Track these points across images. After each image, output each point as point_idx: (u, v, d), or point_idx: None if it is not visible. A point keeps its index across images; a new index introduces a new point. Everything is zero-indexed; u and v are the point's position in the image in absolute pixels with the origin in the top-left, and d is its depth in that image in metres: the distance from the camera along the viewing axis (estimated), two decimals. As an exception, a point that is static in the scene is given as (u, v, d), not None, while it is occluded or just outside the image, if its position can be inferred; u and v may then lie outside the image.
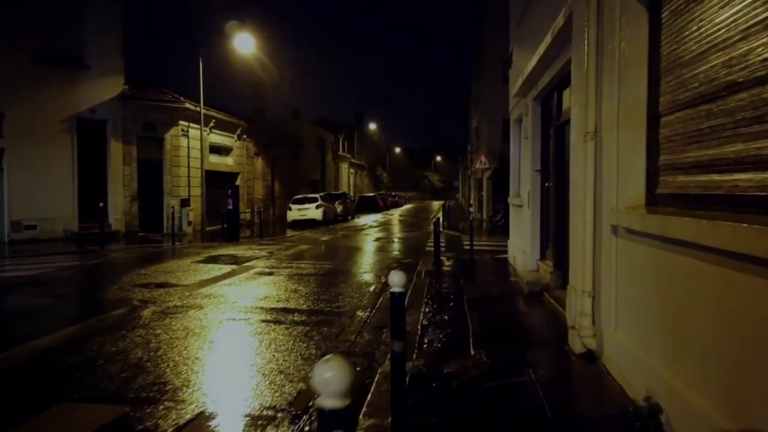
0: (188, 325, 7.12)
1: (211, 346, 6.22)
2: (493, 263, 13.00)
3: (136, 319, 7.49)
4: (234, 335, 6.74)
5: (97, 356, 5.83)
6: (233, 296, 9.04)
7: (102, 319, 7.47)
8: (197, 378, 5.15)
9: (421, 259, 14.05)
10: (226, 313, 7.83)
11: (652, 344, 3.97)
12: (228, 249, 16.71)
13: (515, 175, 12.28)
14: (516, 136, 12.17)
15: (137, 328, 7.05)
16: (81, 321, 7.43)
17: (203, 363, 5.61)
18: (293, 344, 6.25)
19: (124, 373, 5.28)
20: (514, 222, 12.12)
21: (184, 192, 22.25)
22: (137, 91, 21.11)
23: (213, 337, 6.59)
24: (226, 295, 9.15)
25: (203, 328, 6.95)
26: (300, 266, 12.77)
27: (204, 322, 7.28)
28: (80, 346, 6.24)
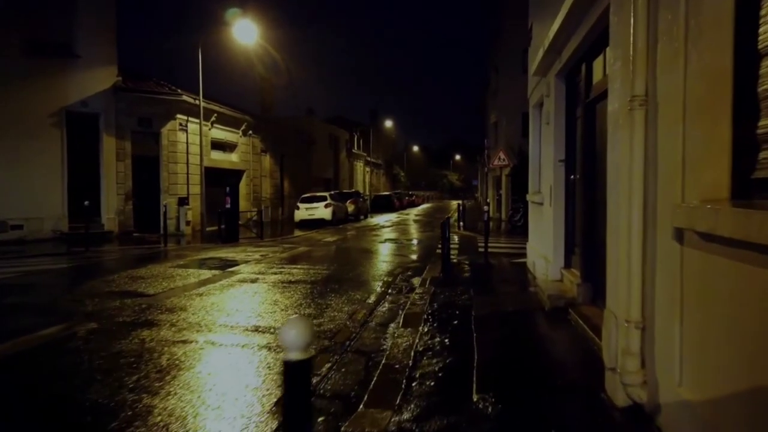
0: (123, 350, 5.74)
1: (139, 383, 4.82)
2: (510, 269, 11.46)
3: (65, 341, 6.13)
4: (177, 368, 5.33)
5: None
6: (198, 310, 7.65)
7: (22, 342, 6.13)
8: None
9: (429, 263, 12.59)
10: (180, 333, 6.44)
11: (748, 418, 2.46)
12: (221, 251, 15.40)
13: (535, 168, 10.72)
14: (536, 124, 10.62)
15: (62, 354, 5.70)
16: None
17: (113, 413, 4.20)
18: (247, 382, 4.83)
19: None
20: (534, 222, 10.57)
21: (183, 190, 21.04)
22: (131, 83, 19.93)
23: (147, 369, 5.19)
24: (190, 308, 7.77)
25: (139, 357, 5.55)
26: (291, 272, 11.37)
27: (145, 346, 5.89)
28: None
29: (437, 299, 8.26)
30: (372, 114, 66.76)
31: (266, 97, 30.90)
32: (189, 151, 21.24)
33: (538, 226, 9.81)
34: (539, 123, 10.42)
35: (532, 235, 10.89)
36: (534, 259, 10.00)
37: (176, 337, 6.24)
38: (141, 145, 20.06)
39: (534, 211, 10.45)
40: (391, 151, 77.67)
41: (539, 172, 10.49)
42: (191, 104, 20.85)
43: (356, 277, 10.78)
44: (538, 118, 10.43)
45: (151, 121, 20.11)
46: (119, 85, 19.38)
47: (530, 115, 11.02)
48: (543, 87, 8.81)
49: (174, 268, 11.86)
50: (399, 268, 12.24)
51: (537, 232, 9.96)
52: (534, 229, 10.49)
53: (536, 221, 10.11)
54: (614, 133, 4.36)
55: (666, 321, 3.40)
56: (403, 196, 52.26)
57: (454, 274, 10.79)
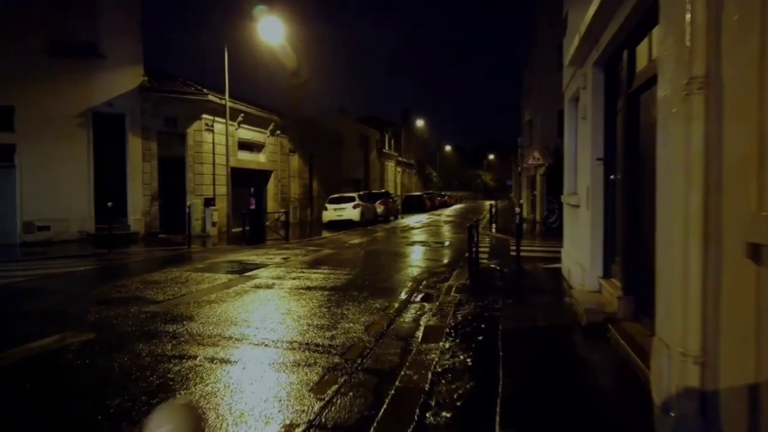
0: (115, 367, 5.29)
1: (121, 407, 4.33)
2: (543, 276, 10.71)
3: (56, 355, 5.72)
4: (168, 389, 4.83)
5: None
6: (205, 319, 7.18)
7: (9, 355, 5.74)
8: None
9: (457, 268, 11.93)
10: (179, 347, 5.96)
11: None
12: (243, 254, 15.01)
13: (570, 167, 9.96)
14: (571, 119, 9.85)
15: (47, 370, 5.28)
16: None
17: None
18: (243, 408, 4.29)
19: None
20: (570, 226, 9.80)
21: (209, 191, 20.81)
22: (157, 83, 19.78)
23: (135, 390, 4.70)
24: (197, 318, 7.31)
25: (128, 375, 5.08)
26: (311, 276, 10.86)
27: (139, 362, 5.42)
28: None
29: (462, 310, 7.62)
30: (404, 113, 66.11)
31: (295, 97, 30.63)
32: (215, 152, 21.01)
33: (573, 231, 9.06)
34: (575, 118, 9.66)
35: (567, 239, 10.12)
36: (569, 265, 9.25)
37: (174, 352, 5.76)
38: (167, 146, 19.90)
39: (570, 214, 9.69)
40: (424, 151, 76.86)
41: (575, 172, 9.73)
42: (217, 104, 20.60)
43: (378, 283, 10.20)
44: (574, 113, 9.66)
45: (176, 122, 19.92)
46: (145, 85, 19.25)
47: (565, 110, 10.25)
48: (579, 79, 8.06)
49: (191, 271, 11.49)
50: (425, 273, 11.62)
51: (573, 236, 9.20)
52: (569, 233, 9.73)
53: (572, 225, 9.35)
54: (665, 125, 3.67)
55: (735, 358, 2.71)
56: (434, 197, 51.47)
57: (482, 281, 10.12)
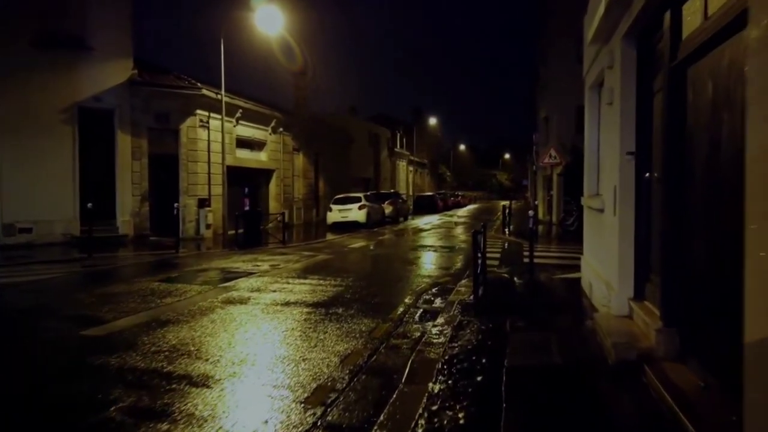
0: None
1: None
2: (561, 290, 9.36)
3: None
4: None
5: None
6: (148, 348, 5.95)
7: None
8: None
9: (464, 279, 10.62)
10: (99, 388, 4.73)
11: None
12: (231, 259, 13.82)
13: (592, 165, 8.59)
14: (593, 108, 8.49)
15: None
16: None
17: None
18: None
19: None
20: (591, 233, 8.42)
21: (204, 191, 19.68)
22: (148, 77, 18.67)
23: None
24: (140, 345, 6.08)
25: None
26: (295, 288, 9.61)
27: (33, 413, 4.20)
28: None
29: (462, 335, 6.32)
30: (416, 112, 64.68)
31: (299, 93, 29.46)
32: (211, 149, 19.86)
33: (596, 239, 7.69)
34: (597, 107, 8.30)
35: (588, 248, 8.75)
36: (591, 279, 7.89)
37: (90, 396, 4.53)
38: (158, 143, 18.79)
39: (591, 219, 8.31)
40: (437, 151, 75.38)
41: (597, 170, 8.37)
42: (213, 99, 19.46)
43: (370, 297, 8.91)
44: (596, 102, 8.30)
45: (168, 117, 18.81)
46: (135, 79, 18.16)
47: (586, 99, 8.89)
48: (604, 58, 6.70)
49: (162, 282, 10.28)
50: (427, 284, 10.33)
51: (595, 246, 7.83)
52: (591, 241, 8.35)
53: (594, 232, 7.98)
54: (759, 85, 2.34)
55: None
56: (447, 197, 50.03)
57: (489, 296, 8.79)
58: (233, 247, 16.47)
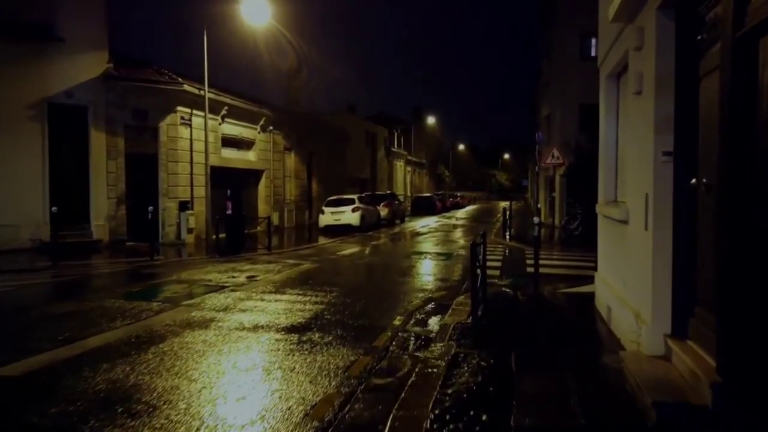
0: None
1: None
2: (570, 309, 8.19)
3: None
4: None
5: None
6: (63, 398, 4.76)
7: None
8: None
9: (461, 294, 9.45)
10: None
11: None
12: (206, 269, 12.62)
13: (608, 166, 7.41)
14: (611, 100, 7.31)
15: None
16: None
17: None
18: None
19: None
20: (609, 246, 7.22)
21: (185, 193, 18.48)
22: (124, 71, 17.45)
23: None
24: (55, 393, 4.89)
25: None
26: (268, 307, 8.43)
27: None
28: None
29: (458, 376, 5.13)
30: (415, 111, 63.40)
31: (292, 90, 28.27)
32: (193, 149, 18.67)
33: (617, 255, 6.49)
34: (616, 99, 7.13)
35: (604, 263, 7.55)
36: (609, 301, 6.70)
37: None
38: (136, 142, 17.59)
39: (609, 231, 7.11)
40: (436, 150, 74.14)
41: (615, 173, 7.19)
42: (195, 95, 18.26)
43: (354, 318, 7.74)
44: (615, 92, 7.13)
45: (147, 114, 17.60)
46: (110, 73, 16.94)
47: (602, 90, 7.71)
48: (630, 37, 5.50)
49: (118, 299, 9.08)
50: (420, 300, 9.17)
51: (615, 262, 6.63)
52: (609, 256, 7.16)
53: (613, 246, 6.78)
54: None
55: None
56: (446, 198, 48.84)
57: (489, 317, 7.62)
58: (214, 254, 15.28)
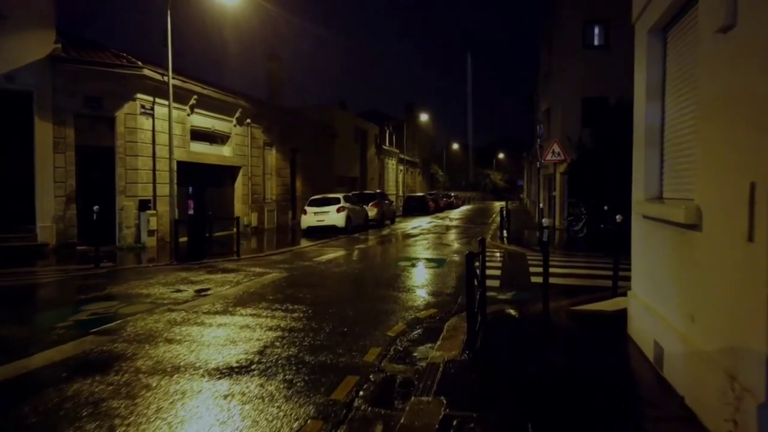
0: None
1: None
2: (595, 340, 6.30)
3: None
4: None
5: None
6: None
7: None
8: None
9: (454, 315, 7.60)
10: None
11: None
12: (152, 280, 10.68)
13: (650, 149, 5.52)
14: (654, 62, 5.44)
15: None
16: None
17: None
18: None
19: None
20: (654, 260, 5.31)
21: (146, 191, 16.50)
22: (75, 53, 15.44)
23: None
24: None
25: None
26: (208, 335, 6.53)
27: None
28: None
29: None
30: (408, 107, 61.38)
31: (274, 81, 26.30)
32: (156, 142, 16.69)
33: (676, 275, 4.59)
34: (661, 57, 5.26)
35: (646, 282, 5.64)
36: (659, 337, 4.82)
37: None
38: (89, 133, 15.59)
39: (656, 239, 5.20)
40: (430, 149, 72.22)
41: (660, 157, 5.33)
42: (158, 81, 16.30)
43: (312, 353, 5.84)
44: (660, 49, 5.27)
45: (101, 102, 15.61)
46: (58, 55, 14.94)
47: (638, 49, 5.83)
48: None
49: (15, 325, 7.16)
50: (403, 322, 7.31)
51: (670, 284, 4.73)
52: (655, 274, 5.25)
53: (666, 262, 4.88)
54: None
55: None
56: (439, 198, 46.97)
57: (487, 351, 5.78)
58: (172, 261, 13.34)
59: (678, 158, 4.88)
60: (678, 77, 4.91)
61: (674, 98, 5.06)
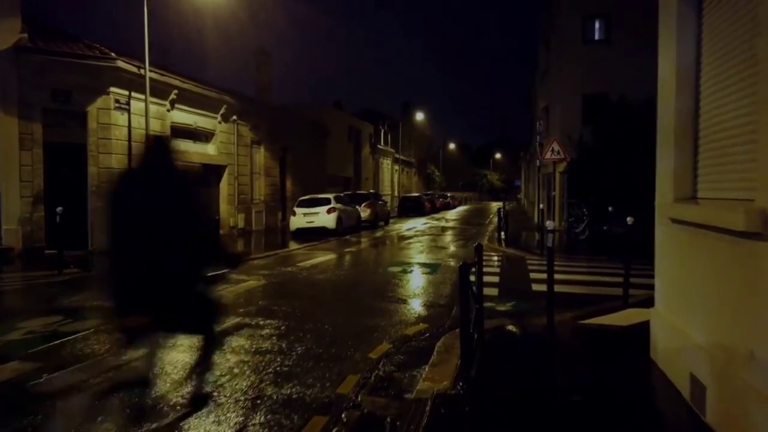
0: None
1: None
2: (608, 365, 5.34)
3: None
4: None
5: None
6: None
7: None
8: None
9: (446, 331, 6.68)
10: None
11: None
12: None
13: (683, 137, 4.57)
14: (686, 24, 4.49)
15: None
16: None
17: None
18: None
19: None
20: (688, 274, 4.33)
21: (122, 191, 15.47)
22: (43, 43, 14.42)
23: None
24: None
25: None
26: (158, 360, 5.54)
27: None
28: None
29: None
30: (404, 106, 60.38)
31: (262, 76, 25.33)
32: (132, 138, 15.68)
33: (716, 292, 3.62)
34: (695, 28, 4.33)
35: (678, 300, 4.66)
36: (698, 370, 3.86)
37: None
38: (58, 129, 14.56)
39: (692, 247, 4.22)
40: (426, 149, 71.26)
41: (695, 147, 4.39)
42: (134, 74, 15.30)
43: (275, 385, 4.88)
44: (694, 15, 4.34)
45: (71, 96, 14.58)
46: (24, 45, 13.92)
47: (663, 20, 4.88)
48: None
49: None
50: (388, 341, 6.37)
51: (709, 303, 3.76)
52: (691, 291, 4.27)
53: (705, 275, 3.90)
54: None
55: None
56: (435, 198, 46.03)
57: (484, 381, 4.82)
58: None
59: (721, 151, 3.93)
60: (720, 53, 3.96)
61: (714, 80, 4.12)
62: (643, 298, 8.55)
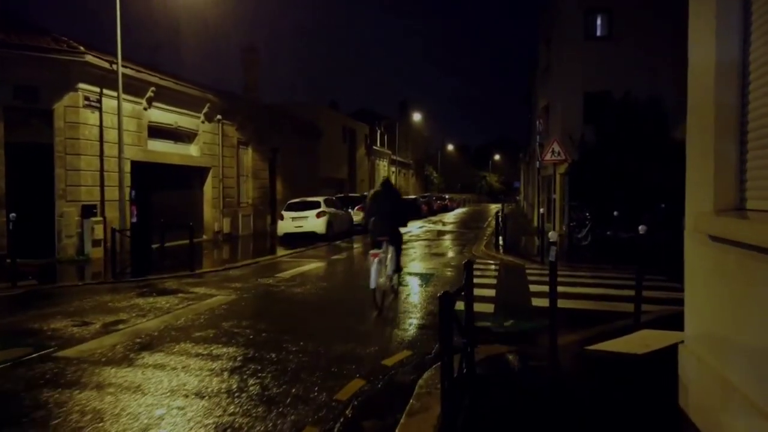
0: None
1: None
2: (624, 415, 4.28)
3: None
4: None
5: None
6: None
7: None
8: None
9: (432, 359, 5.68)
10: None
11: None
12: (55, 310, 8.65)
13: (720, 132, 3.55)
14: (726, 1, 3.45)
15: None
16: None
17: None
18: None
19: None
20: (742, 311, 3.30)
21: (92, 195, 14.46)
22: (4, 35, 13.41)
23: None
24: None
25: None
26: (74, 406, 4.53)
27: None
28: None
29: None
30: (401, 106, 59.41)
31: (250, 75, 24.33)
32: (104, 139, 14.67)
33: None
34: None
35: (722, 342, 3.62)
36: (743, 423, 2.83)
37: None
38: (22, 129, 13.53)
39: (749, 275, 3.20)
40: (424, 150, 70.24)
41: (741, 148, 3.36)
42: (105, 69, 14.29)
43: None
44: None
45: (37, 93, 13.56)
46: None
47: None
48: None
49: None
50: (359, 376, 5.35)
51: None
52: (739, 327, 3.24)
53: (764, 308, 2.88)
54: None
55: None
56: (432, 200, 45.00)
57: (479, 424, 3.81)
58: (108, 278, 11.34)
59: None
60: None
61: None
62: (657, 315, 7.59)
